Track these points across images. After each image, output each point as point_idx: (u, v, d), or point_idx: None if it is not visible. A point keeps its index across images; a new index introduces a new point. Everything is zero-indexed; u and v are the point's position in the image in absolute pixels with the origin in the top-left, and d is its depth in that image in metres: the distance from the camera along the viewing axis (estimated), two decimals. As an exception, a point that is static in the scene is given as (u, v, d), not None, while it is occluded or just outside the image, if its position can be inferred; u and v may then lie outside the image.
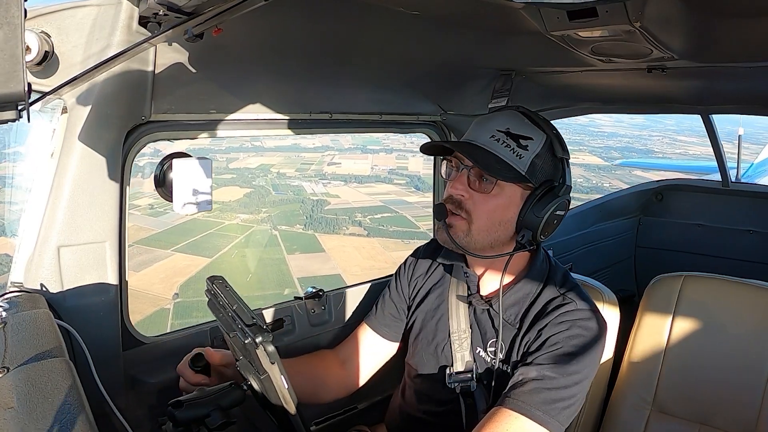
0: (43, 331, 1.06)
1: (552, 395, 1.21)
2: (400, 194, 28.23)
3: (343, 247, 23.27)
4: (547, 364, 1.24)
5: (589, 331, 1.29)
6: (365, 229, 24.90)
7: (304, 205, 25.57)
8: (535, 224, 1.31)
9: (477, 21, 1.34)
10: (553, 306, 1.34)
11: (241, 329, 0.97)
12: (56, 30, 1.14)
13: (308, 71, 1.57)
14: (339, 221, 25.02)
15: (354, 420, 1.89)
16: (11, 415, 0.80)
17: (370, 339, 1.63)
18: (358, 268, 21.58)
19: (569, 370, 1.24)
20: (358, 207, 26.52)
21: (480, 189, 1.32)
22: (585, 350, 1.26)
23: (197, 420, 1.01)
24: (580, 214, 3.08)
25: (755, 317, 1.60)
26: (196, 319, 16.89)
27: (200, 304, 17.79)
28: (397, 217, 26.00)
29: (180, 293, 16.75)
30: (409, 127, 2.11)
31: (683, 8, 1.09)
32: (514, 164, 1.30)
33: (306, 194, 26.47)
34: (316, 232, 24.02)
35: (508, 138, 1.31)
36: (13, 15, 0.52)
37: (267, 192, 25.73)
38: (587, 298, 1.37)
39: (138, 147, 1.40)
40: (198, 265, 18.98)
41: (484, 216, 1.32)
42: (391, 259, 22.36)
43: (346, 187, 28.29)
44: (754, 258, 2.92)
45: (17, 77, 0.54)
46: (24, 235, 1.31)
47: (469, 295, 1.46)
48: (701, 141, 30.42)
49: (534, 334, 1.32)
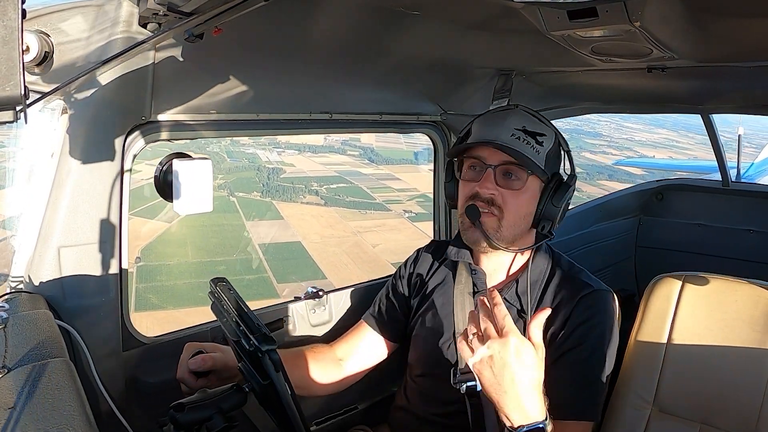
0: (43, 331, 1.06)
1: (590, 390, 1.30)
2: (354, 165, 28.55)
3: (302, 215, 23.42)
4: (579, 360, 1.31)
5: (610, 313, 1.39)
6: (322, 198, 25.17)
7: (260, 173, 25.60)
8: (554, 214, 1.39)
9: (477, 21, 1.34)
10: (565, 287, 1.40)
11: (246, 336, 0.97)
12: (56, 30, 1.14)
13: (308, 71, 1.57)
14: (296, 189, 25.20)
15: (355, 420, 1.89)
16: (11, 415, 0.80)
17: (368, 337, 1.63)
18: (318, 236, 21.79)
19: (599, 359, 1.32)
20: (314, 176, 26.75)
21: (508, 186, 1.37)
22: (610, 334, 1.36)
23: (199, 423, 1.01)
24: (580, 214, 3.08)
25: (755, 317, 1.60)
26: (159, 282, 16.95)
27: (163, 267, 17.84)
28: (352, 187, 26.26)
29: (142, 257, 16.75)
30: (409, 127, 2.11)
31: (683, 8, 1.09)
32: (536, 160, 1.36)
33: (261, 162, 26.46)
34: (273, 200, 24.11)
35: (527, 135, 1.37)
36: (11, 17, 0.52)
37: (222, 159, 25.56)
38: (597, 279, 1.45)
39: (138, 147, 1.40)
40: (157, 229, 18.83)
41: (513, 211, 1.37)
42: (349, 229, 22.65)
43: (301, 156, 28.43)
44: (755, 258, 2.92)
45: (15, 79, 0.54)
46: (24, 235, 1.31)
47: (476, 291, 1.47)
48: (647, 128, 30.29)
49: (559, 324, 1.36)
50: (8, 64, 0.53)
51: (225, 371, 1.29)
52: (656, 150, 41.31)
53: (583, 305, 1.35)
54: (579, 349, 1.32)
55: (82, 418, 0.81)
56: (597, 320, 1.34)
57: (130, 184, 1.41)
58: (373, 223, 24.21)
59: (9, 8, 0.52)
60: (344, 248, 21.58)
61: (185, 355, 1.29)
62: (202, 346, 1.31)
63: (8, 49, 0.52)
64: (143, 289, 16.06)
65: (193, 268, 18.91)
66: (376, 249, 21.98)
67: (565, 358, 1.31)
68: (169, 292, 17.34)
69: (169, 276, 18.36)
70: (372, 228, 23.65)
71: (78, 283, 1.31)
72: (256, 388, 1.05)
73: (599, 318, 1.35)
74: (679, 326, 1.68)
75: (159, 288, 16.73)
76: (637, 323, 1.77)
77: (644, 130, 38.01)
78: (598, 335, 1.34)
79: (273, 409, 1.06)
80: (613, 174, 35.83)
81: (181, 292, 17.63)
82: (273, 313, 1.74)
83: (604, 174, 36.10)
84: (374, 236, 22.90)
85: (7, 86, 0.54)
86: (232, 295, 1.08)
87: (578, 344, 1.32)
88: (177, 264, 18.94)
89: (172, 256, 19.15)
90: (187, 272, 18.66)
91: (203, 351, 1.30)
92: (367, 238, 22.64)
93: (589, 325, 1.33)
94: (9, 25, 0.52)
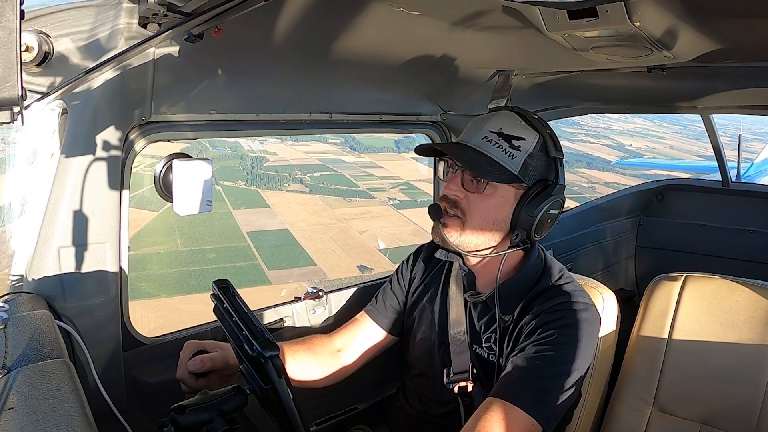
0: (44, 331, 1.06)
1: (542, 384, 1.20)
2: (336, 153, 28.96)
3: (287, 203, 23.78)
4: (537, 354, 1.23)
5: (581, 322, 1.28)
6: (306, 186, 25.52)
7: (243, 162, 25.90)
8: (529, 223, 1.32)
9: (477, 21, 1.34)
10: (546, 297, 1.34)
11: (248, 341, 0.96)
12: (56, 30, 1.14)
13: (308, 71, 1.57)
14: (280, 178, 25.52)
15: (354, 420, 1.89)
16: (11, 416, 0.80)
17: (367, 328, 1.62)
18: (305, 223, 22.08)
19: (560, 359, 1.22)
20: (297, 164, 27.15)
21: (473, 189, 1.33)
22: (576, 341, 1.25)
23: (200, 425, 1.01)
24: (580, 214, 3.08)
25: (755, 317, 1.60)
26: (151, 271, 16.89)
27: (153, 256, 17.79)
28: (335, 175, 26.62)
29: (132, 246, 16.84)
30: (409, 127, 2.11)
31: (683, 8, 1.09)
32: (506, 164, 1.31)
33: (244, 150, 26.69)
34: (258, 188, 24.40)
35: (500, 139, 1.32)
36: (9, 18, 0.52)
37: (204, 148, 25.94)
38: (581, 290, 1.37)
39: (138, 147, 1.40)
40: (145, 218, 19.01)
41: (478, 215, 1.33)
42: (335, 216, 22.87)
43: (283, 145, 28.75)
44: (755, 258, 2.92)
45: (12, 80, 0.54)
46: (24, 235, 1.31)
47: (465, 293, 1.46)
48: (623, 117, 30.61)
49: (526, 323, 1.32)
50: (6, 65, 0.53)
51: (225, 370, 1.28)
52: (633, 138, 41.63)
53: (553, 309, 1.29)
54: (541, 348, 1.24)
55: (82, 418, 0.81)
56: (564, 322, 1.26)
57: (130, 184, 1.41)
58: (359, 210, 24.50)
59: (7, 9, 0.52)
60: (331, 235, 21.79)
61: (185, 355, 1.28)
62: (201, 344, 1.31)
63: (6, 51, 0.52)
64: (135, 278, 16.23)
65: (183, 256, 18.99)
66: (363, 236, 22.19)
67: (525, 352, 1.25)
68: (161, 280, 17.40)
69: (160, 264, 18.44)
70: (357, 215, 23.93)
71: (78, 283, 1.31)
72: (258, 391, 1.05)
73: (567, 321, 1.26)
74: (679, 326, 1.68)
75: (151, 276, 16.76)
76: (637, 323, 1.77)
77: (620, 119, 38.16)
78: (564, 336, 1.25)
79: (274, 411, 1.06)
80: (591, 162, 35.80)
81: (173, 279, 17.69)
82: (273, 314, 1.74)
83: (583, 162, 36.19)
84: (360, 223, 23.11)
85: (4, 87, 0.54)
86: (233, 297, 1.08)
87: (542, 344, 1.24)
88: (167, 252, 19.02)
89: (161, 245, 19.21)
90: (178, 260, 18.74)
91: (203, 349, 1.30)
92: (353, 225, 22.86)
93: (556, 324, 1.26)
94: (7, 26, 0.52)
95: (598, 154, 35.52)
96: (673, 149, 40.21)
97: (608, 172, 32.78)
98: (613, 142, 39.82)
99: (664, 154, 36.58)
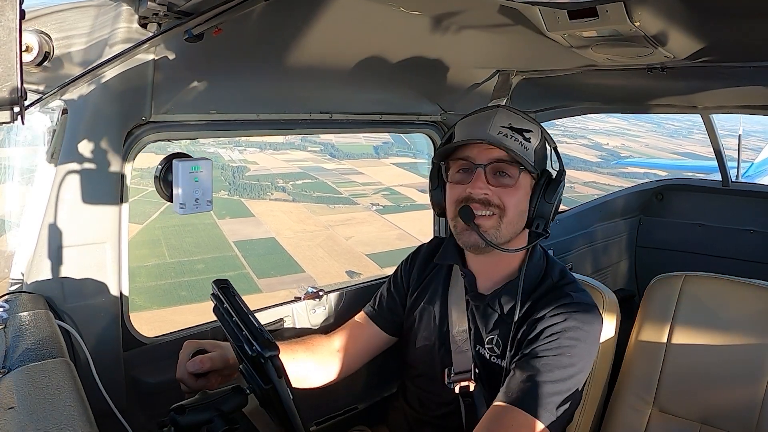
0: (43, 331, 1.06)
1: (547, 388, 1.20)
2: (316, 161, 29.03)
3: (272, 211, 23.80)
4: (542, 357, 1.25)
5: (584, 324, 1.29)
6: (289, 194, 25.58)
7: (224, 172, 25.90)
8: (548, 211, 1.36)
9: (477, 21, 1.34)
10: (550, 298, 1.35)
11: (248, 341, 0.96)
12: (56, 30, 1.14)
13: (308, 71, 1.57)
14: (262, 187, 25.55)
15: (354, 420, 1.89)
16: (11, 415, 0.80)
17: (367, 329, 1.62)
18: (291, 231, 22.15)
19: (564, 363, 1.24)
20: (278, 173, 27.17)
21: (500, 184, 1.34)
22: (580, 343, 1.26)
23: (200, 425, 1.01)
24: (580, 214, 3.08)
25: (755, 317, 1.60)
26: (141, 284, 16.88)
27: (140, 270, 17.74)
28: (317, 183, 26.70)
29: None
30: (409, 127, 2.11)
31: (683, 8, 1.09)
32: (525, 156, 1.33)
33: (224, 160, 26.74)
34: (242, 198, 24.44)
35: (513, 132, 1.35)
36: (9, 18, 0.52)
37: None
38: (584, 292, 1.38)
39: (138, 147, 1.40)
40: (130, 231, 19.12)
41: (512, 208, 1.34)
42: (320, 223, 22.93)
43: (263, 154, 28.80)
44: (755, 258, 2.92)
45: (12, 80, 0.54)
46: (24, 235, 1.31)
47: (467, 293, 1.46)
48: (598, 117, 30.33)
49: (530, 325, 1.32)
50: (6, 65, 0.53)
51: (225, 369, 1.28)
52: (609, 138, 41.79)
53: (556, 311, 1.30)
54: (547, 352, 1.25)
55: (82, 418, 0.81)
56: (568, 324, 1.27)
57: (130, 184, 1.41)
58: (343, 216, 24.61)
59: (7, 9, 0.52)
60: (318, 242, 21.88)
61: (184, 355, 1.28)
62: (201, 343, 1.30)
63: (6, 50, 0.52)
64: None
65: (171, 267, 19.01)
66: (349, 241, 22.25)
67: (530, 355, 1.26)
68: (152, 292, 17.45)
69: (149, 277, 18.43)
70: (342, 222, 24.08)
71: (78, 283, 1.31)
72: (257, 391, 1.05)
73: (570, 323, 1.27)
74: (679, 326, 1.68)
75: (141, 289, 16.74)
76: (637, 323, 1.77)
77: (596, 118, 38.36)
78: (568, 338, 1.26)
79: (273, 411, 1.07)
80: (569, 162, 36.28)
81: (164, 291, 17.72)
82: (273, 314, 1.74)
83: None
84: (346, 229, 23.24)
85: (4, 87, 0.54)
86: (233, 297, 1.07)
87: (548, 347, 1.25)
88: (156, 265, 19.04)
89: (149, 257, 19.27)
90: (167, 272, 18.76)
91: (203, 349, 1.29)
92: (339, 231, 22.97)
93: (560, 327, 1.27)
94: (7, 26, 0.52)
95: (575, 154, 35.60)
96: (649, 147, 40.27)
97: (587, 171, 33.13)
98: (590, 141, 39.94)
99: (641, 153, 36.77)
